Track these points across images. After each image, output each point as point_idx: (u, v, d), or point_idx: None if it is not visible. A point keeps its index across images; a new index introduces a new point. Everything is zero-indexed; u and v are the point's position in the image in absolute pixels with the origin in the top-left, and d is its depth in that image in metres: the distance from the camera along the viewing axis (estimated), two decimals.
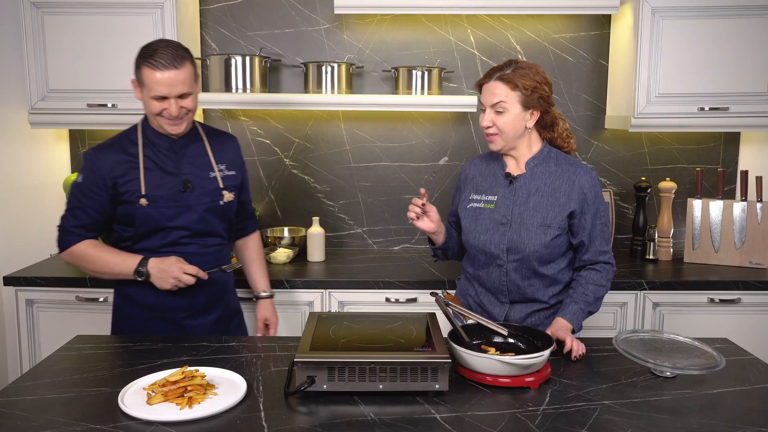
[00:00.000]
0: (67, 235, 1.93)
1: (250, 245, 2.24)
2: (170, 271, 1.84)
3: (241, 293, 2.26)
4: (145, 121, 1.96)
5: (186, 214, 1.93)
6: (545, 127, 1.93)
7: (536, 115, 1.85)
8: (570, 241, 1.90)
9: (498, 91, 1.81)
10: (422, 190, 1.86)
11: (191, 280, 1.86)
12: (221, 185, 2.00)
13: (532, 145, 1.90)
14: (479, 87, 1.88)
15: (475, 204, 1.93)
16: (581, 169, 1.88)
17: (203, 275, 1.88)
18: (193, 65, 1.87)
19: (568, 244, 1.90)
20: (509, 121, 1.82)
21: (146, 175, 1.91)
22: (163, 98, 1.82)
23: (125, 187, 1.89)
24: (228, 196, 2.00)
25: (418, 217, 1.88)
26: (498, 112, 1.82)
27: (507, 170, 1.92)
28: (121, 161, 1.91)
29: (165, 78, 1.79)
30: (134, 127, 1.98)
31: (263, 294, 2.22)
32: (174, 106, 1.83)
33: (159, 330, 1.96)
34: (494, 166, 1.96)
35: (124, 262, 1.89)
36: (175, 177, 1.94)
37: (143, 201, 1.88)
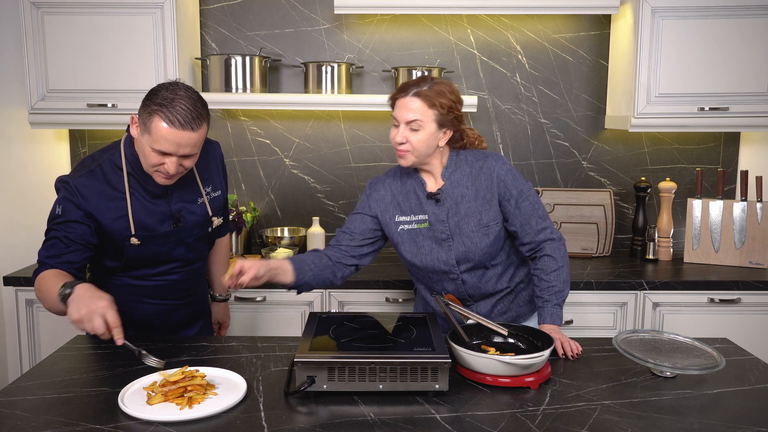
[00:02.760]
0: (41, 267, 1.68)
1: (218, 247, 2.15)
2: (92, 313, 1.47)
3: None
4: (128, 143, 1.76)
5: (179, 248, 1.84)
6: (455, 140, 1.90)
7: (449, 134, 1.83)
8: (507, 229, 1.89)
9: (414, 107, 1.76)
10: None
11: (100, 331, 1.47)
12: (210, 212, 1.89)
13: (444, 157, 1.88)
14: (393, 101, 1.82)
15: (407, 226, 1.88)
16: (491, 159, 1.86)
17: (119, 340, 1.50)
18: (208, 124, 1.68)
19: (506, 232, 1.90)
20: (423, 138, 1.77)
21: (135, 213, 1.75)
22: (165, 153, 1.63)
23: (113, 225, 1.73)
24: (217, 221, 1.91)
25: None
26: (413, 129, 1.77)
27: (427, 189, 1.87)
28: (106, 195, 1.72)
29: (177, 137, 1.60)
30: (117, 150, 1.77)
31: (220, 297, 2.20)
32: (173, 165, 1.64)
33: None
34: (411, 183, 1.90)
35: (56, 284, 1.57)
36: (165, 211, 1.79)
37: (134, 240, 1.75)
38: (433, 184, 1.88)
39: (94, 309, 1.47)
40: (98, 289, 1.56)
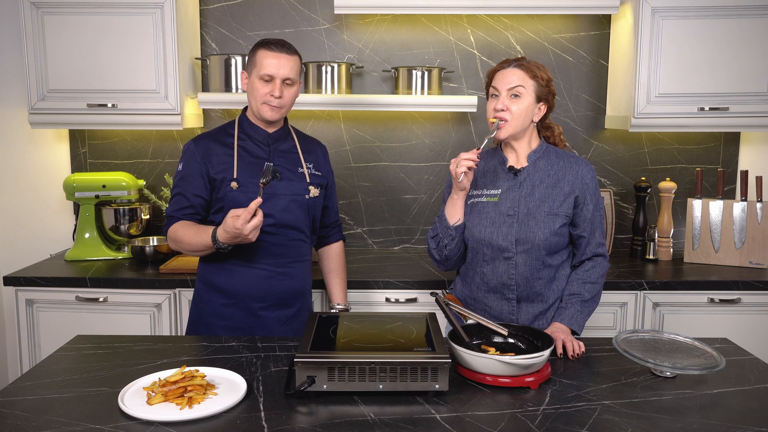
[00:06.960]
0: (168, 220, 2.01)
1: (332, 255, 2.26)
2: (234, 233, 1.77)
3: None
4: (243, 116, 2.08)
5: (271, 201, 1.97)
6: (545, 127, 1.98)
7: (544, 110, 1.90)
8: (570, 232, 1.91)
9: (516, 77, 1.84)
10: (476, 149, 1.82)
11: (258, 222, 1.76)
12: (308, 180, 2.06)
13: (533, 140, 1.94)
14: (491, 75, 1.91)
15: (476, 199, 1.93)
16: (582, 162, 1.93)
17: (256, 204, 1.75)
18: (301, 63, 2.01)
19: (569, 235, 1.92)
20: (523, 108, 1.84)
21: (239, 161, 2.00)
22: (270, 81, 1.93)
23: (219, 173, 1.98)
24: (314, 191, 2.06)
25: (469, 170, 1.81)
26: (514, 96, 1.84)
27: (509, 164, 1.93)
28: (217, 149, 2.02)
29: (276, 57, 1.93)
30: (232, 122, 2.10)
31: (338, 307, 2.23)
32: (278, 88, 1.93)
33: (234, 317, 2.01)
34: (493, 162, 1.97)
35: (201, 238, 1.90)
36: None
37: (234, 184, 1.96)
38: (515, 162, 1.93)
39: (238, 235, 1.77)
40: (221, 226, 1.82)
